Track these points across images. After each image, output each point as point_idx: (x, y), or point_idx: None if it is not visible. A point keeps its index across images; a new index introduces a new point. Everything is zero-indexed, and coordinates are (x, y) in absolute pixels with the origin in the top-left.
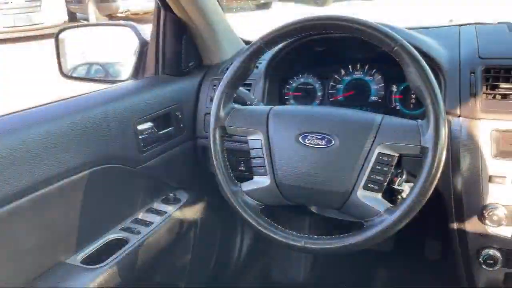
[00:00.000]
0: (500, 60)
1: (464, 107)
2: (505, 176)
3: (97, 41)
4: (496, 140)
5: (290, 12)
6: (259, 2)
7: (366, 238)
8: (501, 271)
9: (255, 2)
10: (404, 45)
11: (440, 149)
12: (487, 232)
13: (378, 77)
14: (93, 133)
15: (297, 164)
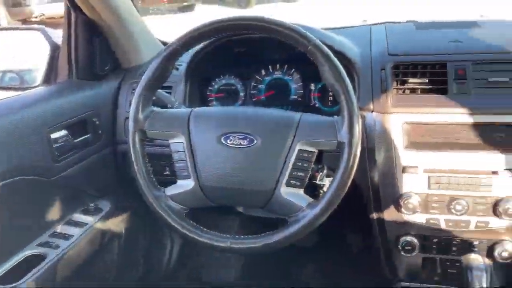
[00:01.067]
0: (408, 57)
1: (377, 102)
2: (417, 166)
3: (8, 47)
4: (407, 133)
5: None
6: (181, 5)
7: (290, 234)
8: (419, 256)
9: (177, 4)
10: (318, 45)
11: (355, 143)
12: (403, 220)
13: (297, 77)
14: (2, 144)
15: (220, 165)
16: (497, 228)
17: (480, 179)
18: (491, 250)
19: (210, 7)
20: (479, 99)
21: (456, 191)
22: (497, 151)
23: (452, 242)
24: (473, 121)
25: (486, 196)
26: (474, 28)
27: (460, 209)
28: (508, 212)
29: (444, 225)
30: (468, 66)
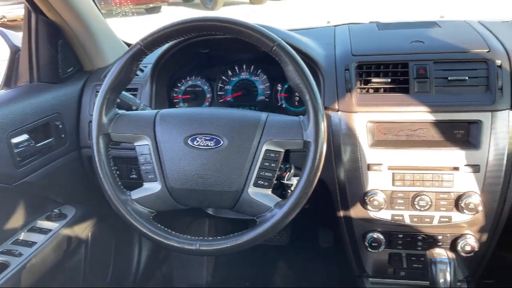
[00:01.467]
0: (370, 57)
1: (342, 102)
2: (382, 164)
3: None
4: (372, 131)
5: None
6: (148, 6)
7: (259, 233)
8: (385, 252)
9: (144, 6)
10: (282, 45)
11: (320, 142)
12: (370, 217)
13: (263, 77)
14: None
15: (187, 167)
16: (460, 222)
17: (442, 175)
18: (454, 244)
19: (177, 8)
20: (440, 97)
21: (420, 187)
22: (457, 147)
23: (417, 237)
24: (434, 118)
25: (449, 191)
26: (434, 28)
27: (424, 205)
28: (469, 206)
29: (408, 221)
30: (429, 65)
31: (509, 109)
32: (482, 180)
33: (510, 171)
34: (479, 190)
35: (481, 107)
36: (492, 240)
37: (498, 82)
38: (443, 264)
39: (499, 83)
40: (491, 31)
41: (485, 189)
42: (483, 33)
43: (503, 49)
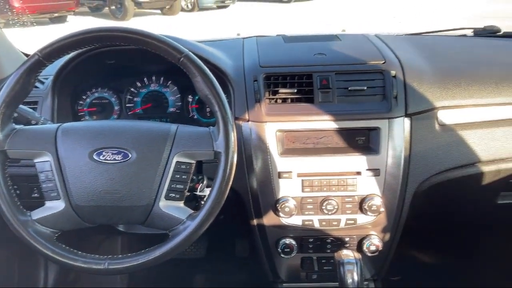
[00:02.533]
0: (277, 68)
1: (251, 112)
2: (291, 171)
3: None
4: (281, 140)
5: (88, 26)
6: (52, 16)
7: (172, 247)
8: (297, 256)
9: (48, 15)
10: (190, 56)
11: (231, 152)
12: (282, 223)
13: (174, 88)
14: None
15: (94, 183)
16: (364, 223)
17: (347, 180)
18: (360, 244)
19: (84, 18)
20: (342, 106)
21: (327, 192)
22: (359, 153)
23: (326, 240)
24: (338, 126)
25: (353, 195)
26: (336, 41)
27: (331, 209)
28: (372, 208)
29: (318, 225)
30: (331, 77)
31: (404, 116)
32: (382, 183)
33: (407, 174)
34: (380, 193)
35: (379, 114)
36: (394, 239)
37: (393, 92)
38: (351, 264)
39: (394, 92)
40: (386, 44)
41: (385, 191)
42: (379, 46)
43: (397, 61)
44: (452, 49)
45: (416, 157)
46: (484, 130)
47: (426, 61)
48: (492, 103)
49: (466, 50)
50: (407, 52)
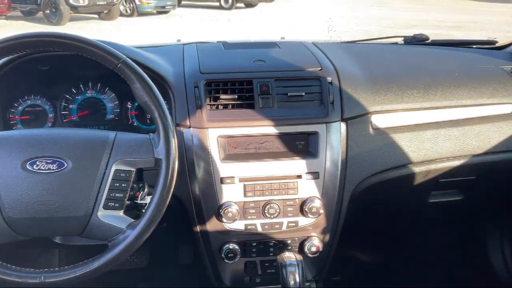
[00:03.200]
0: (218, 75)
1: (193, 118)
2: (234, 176)
3: None
4: (223, 146)
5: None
6: None
7: (111, 258)
8: (241, 261)
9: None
10: (127, 62)
11: (172, 159)
12: (225, 229)
13: (112, 95)
14: None
15: (28, 194)
16: (305, 225)
17: (288, 183)
18: (302, 246)
19: (16, 23)
20: (282, 111)
21: (269, 196)
22: (299, 157)
23: (269, 243)
24: (278, 131)
25: (294, 198)
26: (275, 49)
27: (273, 212)
28: (312, 210)
29: (260, 229)
30: (270, 83)
31: (340, 120)
32: (321, 185)
33: (344, 176)
34: (320, 195)
35: (316, 119)
36: (333, 239)
37: (330, 97)
38: (292, 266)
39: (331, 98)
40: (323, 52)
41: (324, 194)
42: (316, 53)
43: (333, 68)
44: (384, 56)
45: (352, 160)
46: (414, 133)
47: (360, 68)
48: (421, 107)
49: (397, 58)
50: (342, 59)
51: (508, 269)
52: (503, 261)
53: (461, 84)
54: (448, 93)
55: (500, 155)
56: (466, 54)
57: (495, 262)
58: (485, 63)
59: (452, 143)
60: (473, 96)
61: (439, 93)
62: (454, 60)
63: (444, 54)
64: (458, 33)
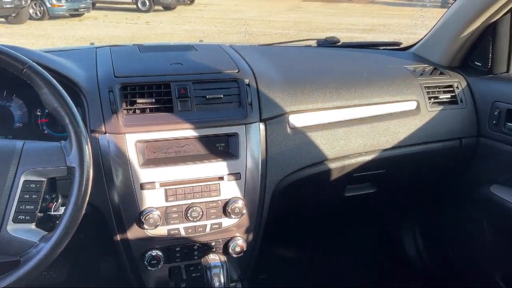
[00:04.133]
0: (134, 78)
1: (108, 124)
2: (154, 181)
3: None
4: (141, 151)
5: None
6: None
7: (24, 273)
8: (165, 267)
9: None
10: (34, 67)
11: (86, 166)
12: (147, 236)
13: (19, 102)
14: None
15: None
16: (229, 226)
17: (210, 186)
18: (226, 247)
19: None
20: (201, 114)
21: (191, 200)
22: (221, 159)
23: (193, 247)
24: (198, 134)
25: (217, 200)
26: (192, 51)
27: (196, 216)
28: (235, 211)
29: (184, 233)
30: (188, 86)
31: (259, 121)
32: (243, 186)
33: (265, 175)
34: (242, 195)
35: (236, 121)
36: (257, 238)
37: (248, 99)
38: (217, 268)
39: (249, 99)
40: (240, 54)
41: (246, 194)
42: (233, 56)
43: (250, 70)
44: (299, 58)
45: (272, 159)
46: (329, 131)
47: (276, 70)
48: (333, 106)
49: (311, 59)
50: (259, 61)
51: (420, 254)
52: (414, 247)
53: (370, 83)
54: (357, 92)
55: (406, 149)
56: (374, 55)
57: (408, 249)
58: (391, 64)
59: (363, 139)
60: (380, 95)
61: (350, 93)
62: (363, 61)
63: (354, 56)
64: (370, 36)
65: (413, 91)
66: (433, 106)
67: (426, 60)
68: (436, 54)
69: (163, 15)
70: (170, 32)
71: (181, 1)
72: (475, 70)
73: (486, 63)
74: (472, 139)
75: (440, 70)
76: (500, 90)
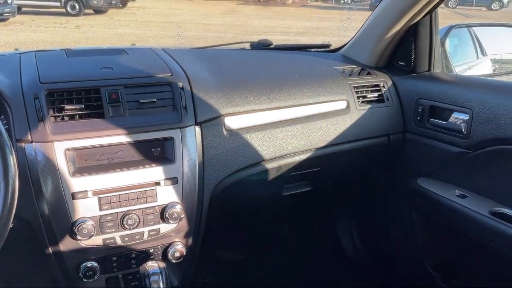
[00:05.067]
0: (61, 84)
1: (35, 132)
2: (87, 190)
3: None
4: (72, 159)
5: None
6: None
7: None
8: (102, 278)
9: None
10: None
11: (11, 178)
12: (81, 247)
13: None
14: None
15: None
16: (167, 232)
17: (146, 192)
18: (165, 253)
19: None
20: (134, 119)
21: (127, 207)
22: (156, 164)
23: (130, 255)
24: (132, 140)
25: (154, 205)
26: (123, 55)
27: (133, 223)
28: (173, 216)
29: (120, 242)
30: (120, 90)
31: (194, 124)
32: (181, 190)
33: (202, 178)
34: (180, 200)
35: (171, 125)
36: (197, 242)
37: (182, 102)
38: (155, 275)
39: (183, 102)
40: (173, 58)
41: (184, 198)
42: (166, 59)
43: (183, 73)
44: (233, 61)
45: (209, 162)
46: (265, 132)
47: (210, 72)
48: (268, 107)
49: (245, 62)
50: (193, 64)
51: (356, 247)
52: (351, 241)
53: (302, 84)
54: (290, 93)
55: (339, 147)
56: (305, 57)
57: (345, 243)
58: (321, 65)
59: (298, 139)
60: (312, 95)
61: (283, 94)
62: (295, 63)
63: (286, 58)
64: (304, 38)
65: (343, 91)
66: (362, 105)
67: (354, 61)
68: (363, 55)
69: (94, 19)
70: (102, 36)
71: (112, 4)
72: (399, 70)
73: (409, 62)
74: (399, 135)
75: (367, 70)
76: (423, 88)
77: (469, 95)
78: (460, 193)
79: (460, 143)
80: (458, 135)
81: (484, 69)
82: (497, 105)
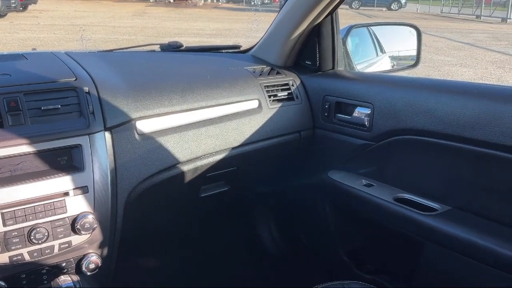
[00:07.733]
0: None
1: None
2: None
3: None
4: None
5: None
6: None
7: None
8: None
9: None
10: None
11: None
12: None
13: None
14: None
15: None
16: (80, 244)
17: (54, 203)
18: (79, 266)
19: None
20: (37, 127)
21: (34, 221)
22: (64, 173)
23: (41, 271)
24: (35, 149)
25: (63, 217)
26: (22, 61)
27: (41, 237)
28: (85, 226)
29: (29, 258)
30: (19, 98)
31: (103, 130)
32: (92, 199)
33: (115, 186)
34: (92, 209)
35: (77, 132)
36: (113, 251)
37: (89, 107)
38: None
39: (90, 108)
40: (77, 62)
41: (97, 207)
42: (69, 63)
43: (89, 77)
44: (142, 63)
45: (122, 168)
46: (179, 134)
47: (119, 76)
48: (180, 109)
49: (155, 64)
50: (100, 68)
51: (276, 243)
52: (270, 236)
53: (214, 85)
54: (203, 94)
55: (253, 145)
56: (216, 58)
57: (265, 240)
58: (232, 66)
59: (213, 139)
60: (225, 96)
61: (195, 95)
62: (206, 64)
63: (197, 59)
64: (217, 40)
65: (254, 91)
66: (273, 103)
67: (264, 61)
68: (272, 55)
69: None
70: (1, 41)
71: (12, 8)
72: (306, 69)
73: (315, 61)
74: (309, 131)
75: (276, 70)
76: (328, 86)
77: (370, 90)
78: (366, 183)
79: (364, 136)
80: (362, 128)
81: (383, 65)
82: (395, 98)
